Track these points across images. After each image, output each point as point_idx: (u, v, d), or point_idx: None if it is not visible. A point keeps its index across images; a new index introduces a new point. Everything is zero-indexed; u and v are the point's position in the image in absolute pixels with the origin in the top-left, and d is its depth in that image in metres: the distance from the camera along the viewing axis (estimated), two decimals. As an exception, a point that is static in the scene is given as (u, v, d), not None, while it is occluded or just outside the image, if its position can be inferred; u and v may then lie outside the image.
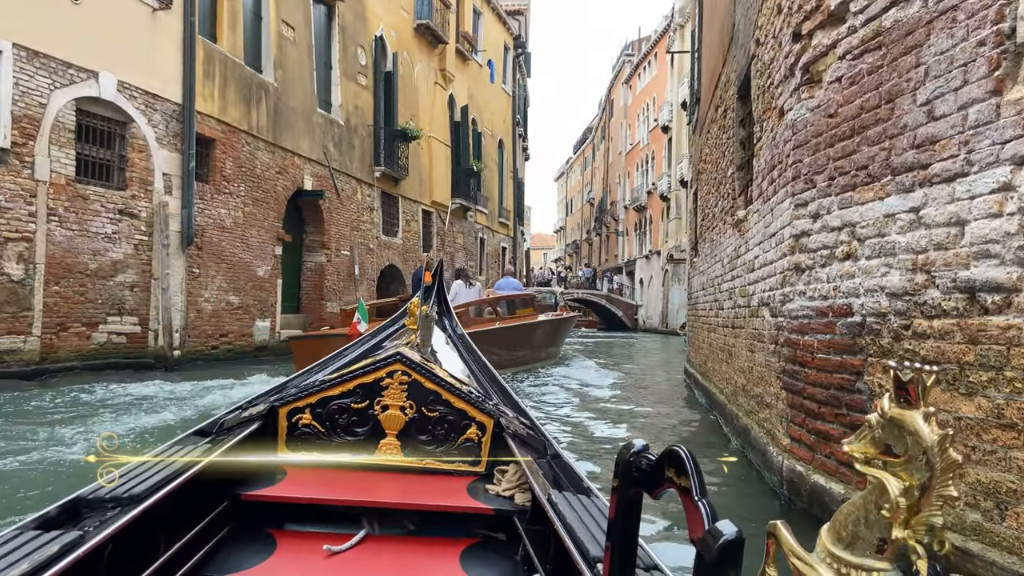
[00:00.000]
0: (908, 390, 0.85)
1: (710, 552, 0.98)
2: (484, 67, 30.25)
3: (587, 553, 1.77)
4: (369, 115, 20.52)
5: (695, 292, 11.54)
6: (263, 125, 15.69)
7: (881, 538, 0.86)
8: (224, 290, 14.49)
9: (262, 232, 15.64)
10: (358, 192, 19.88)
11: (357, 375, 2.90)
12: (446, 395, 2.90)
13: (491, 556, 2.44)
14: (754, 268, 6.11)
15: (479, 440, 2.89)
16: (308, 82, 17.54)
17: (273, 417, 2.87)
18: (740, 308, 6.79)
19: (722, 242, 8.26)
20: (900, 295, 3.53)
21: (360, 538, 2.46)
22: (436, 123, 24.80)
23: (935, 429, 0.83)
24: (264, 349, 15.67)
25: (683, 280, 40.26)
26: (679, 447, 1.15)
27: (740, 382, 6.78)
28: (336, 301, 18.51)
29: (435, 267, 6.12)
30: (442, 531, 2.58)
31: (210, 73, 14.12)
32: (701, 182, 10.99)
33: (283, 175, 16.43)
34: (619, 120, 57.60)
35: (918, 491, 0.83)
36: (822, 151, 4.29)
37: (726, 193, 8.13)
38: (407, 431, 2.88)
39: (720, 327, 8.32)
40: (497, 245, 33.02)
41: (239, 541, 2.44)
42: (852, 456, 0.91)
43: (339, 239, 18.74)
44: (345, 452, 2.83)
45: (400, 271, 22.23)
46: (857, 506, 0.89)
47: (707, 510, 1.05)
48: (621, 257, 55.68)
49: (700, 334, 10.66)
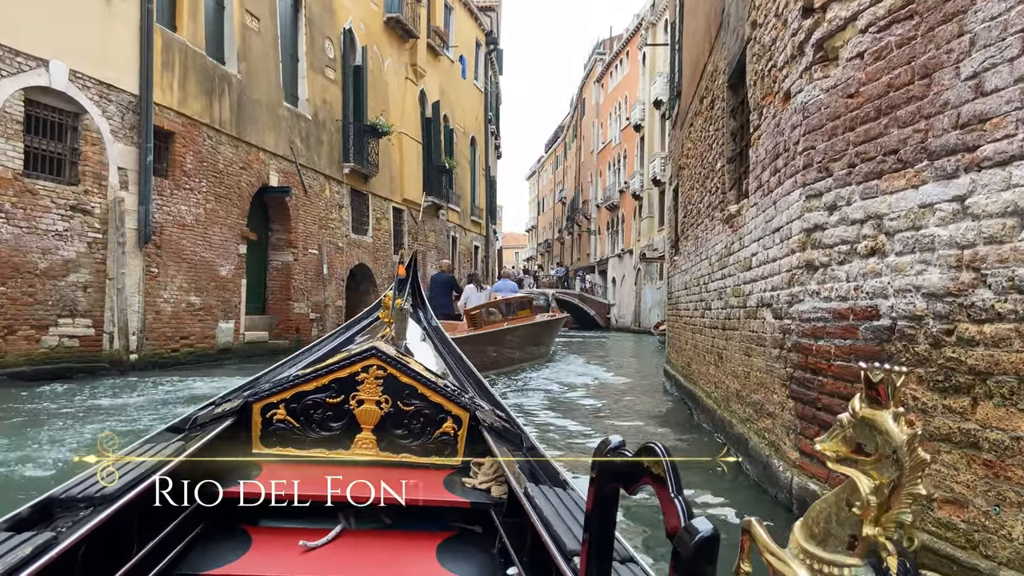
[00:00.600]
0: (878, 390, 0.88)
1: (686, 548, 0.99)
2: (456, 63, 29.71)
3: (563, 546, 1.78)
4: (338, 110, 19.92)
5: (676, 292, 11.14)
6: (226, 118, 15.05)
7: (852, 535, 0.89)
8: (185, 290, 13.84)
9: (225, 230, 15.00)
10: (326, 189, 19.27)
11: (332, 370, 2.85)
12: (422, 389, 2.87)
13: (468, 549, 2.44)
14: (751, 266, 5.69)
15: (455, 434, 2.87)
16: (274, 74, 16.91)
17: (247, 413, 2.82)
18: (733, 309, 6.37)
19: (709, 239, 7.85)
20: (941, 295, 3.10)
21: (336, 533, 2.45)
22: (407, 119, 24.23)
23: (904, 429, 0.86)
24: (228, 351, 15.04)
25: (655, 279, 40.07)
26: (655, 443, 1.17)
27: (733, 387, 6.36)
28: (304, 302, 17.90)
29: (409, 260, 5.98)
30: (419, 525, 2.58)
31: (169, 63, 13.46)
32: (683, 178, 10.59)
33: (247, 170, 15.79)
34: (591, 119, 57.36)
35: (888, 489, 0.86)
36: (840, 135, 3.86)
37: (713, 188, 7.72)
38: (383, 425, 2.85)
39: (707, 328, 7.91)
40: (470, 244, 32.50)
41: (214, 538, 2.41)
42: (824, 455, 0.94)
43: (307, 237, 18.12)
44: (320, 447, 2.81)
45: (370, 270, 21.64)
46: (829, 503, 0.92)
47: (683, 506, 1.07)
48: (593, 256, 55.46)
49: (682, 335, 10.25)
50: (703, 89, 8.56)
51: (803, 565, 0.92)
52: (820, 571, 0.90)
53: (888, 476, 0.87)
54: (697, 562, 0.99)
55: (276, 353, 16.35)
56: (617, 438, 1.30)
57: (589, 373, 14.70)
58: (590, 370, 15.38)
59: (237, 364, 14.46)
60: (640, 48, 43.51)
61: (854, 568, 0.88)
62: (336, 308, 19.40)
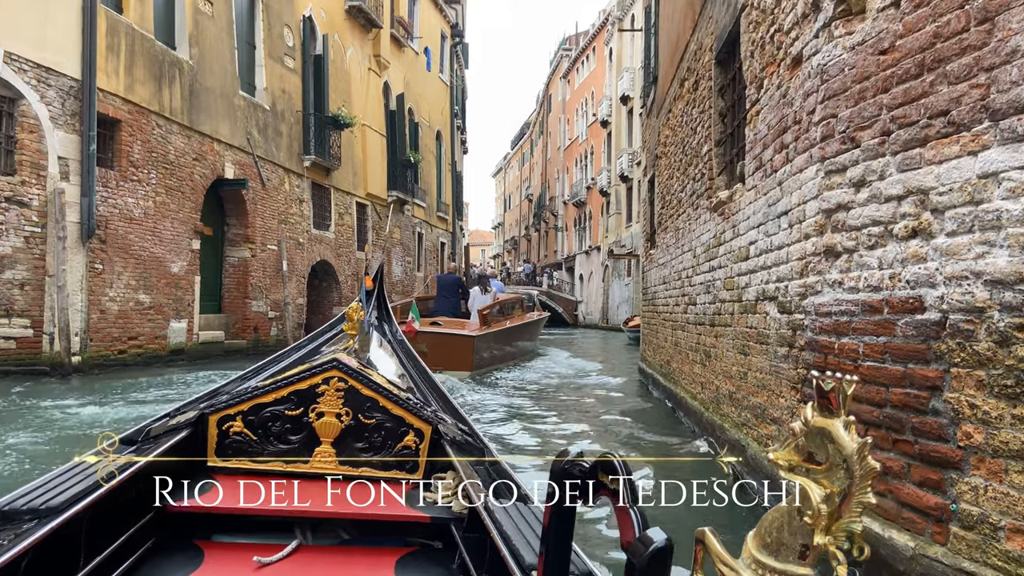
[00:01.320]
0: (830, 399, 0.90)
1: (640, 558, 1.00)
2: (420, 55, 28.97)
3: (522, 560, 1.77)
4: (298, 100, 19.13)
5: (653, 286, 10.62)
6: (177, 106, 14.23)
7: (803, 544, 0.91)
8: (133, 288, 13.03)
9: (177, 224, 14.19)
10: (286, 182, 18.49)
11: (292, 381, 2.78)
12: (383, 402, 2.81)
13: (427, 564, 2.40)
14: (747, 256, 5.15)
15: (417, 447, 2.82)
16: (228, 62, 16.11)
17: (203, 425, 2.74)
18: (724, 303, 5.84)
19: (693, 229, 7.32)
20: (1011, 283, 2.56)
21: (292, 548, 2.38)
22: (370, 111, 23.48)
23: (855, 437, 0.87)
24: (180, 353, 14.24)
25: (623, 276, 39.69)
26: (613, 455, 1.19)
27: (726, 389, 5.83)
28: (262, 300, 17.12)
29: (376, 273, 6.06)
30: (378, 540, 2.54)
31: (115, 47, 12.65)
32: (660, 168, 10.07)
33: (201, 162, 14.99)
34: (557, 115, 57.02)
35: (839, 498, 0.87)
36: (870, 99, 3.32)
37: (697, 174, 7.19)
38: (343, 439, 2.78)
39: (691, 325, 7.38)
40: (436, 240, 31.79)
41: (165, 553, 2.34)
42: (776, 464, 0.95)
43: (265, 232, 17.34)
44: (278, 460, 2.74)
45: (333, 268, 20.88)
46: (781, 513, 0.94)
47: (638, 517, 1.08)
48: (560, 253, 55.15)
49: (660, 331, 9.73)
50: (684, 71, 8.03)
51: (755, 575, 0.93)
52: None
53: (839, 485, 0.88)
54: (651, 572, 0.99)
55: (232, 354, 15.64)
56: (575, 449, 1.30)
57: (573, 366, 15.84)
58: (575, 363, 16.45)
59: (191, 366, 13.71)
60: (607, 39, 43.12)
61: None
62: (297, 306, 18.64)
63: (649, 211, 11.45)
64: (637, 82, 37.59)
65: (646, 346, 11.43)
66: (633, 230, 37.69)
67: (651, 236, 11.20)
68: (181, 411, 2.96)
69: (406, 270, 26.87)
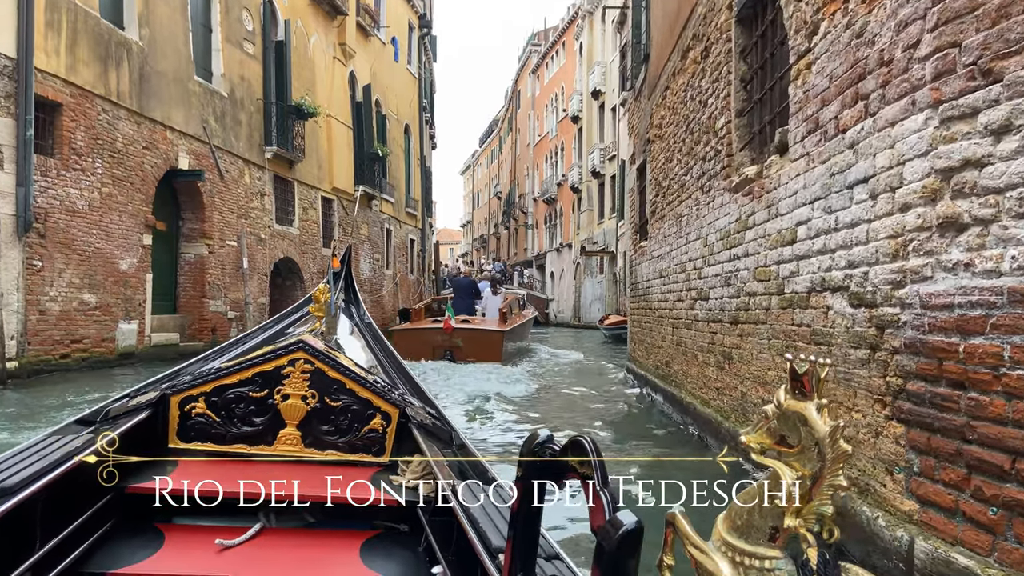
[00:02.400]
0: (803, 382, 0.89)
1: (610, 541, 0.99)
2: (388, 45, 27.91)
3: (489, 543, 1.77)
4: (258, 88, 18.01)
5: (646, 281, 9.77)
6: (125, 90, 13.09)
7: (774, 527, 0.90)
8: (77, 287, 11.90)
9: (126, 217, 13.05)
10: (246, 174, 17.37)
11: (256, 363, 2.72)
12: (350, 384, 2.77)
13: (392, 547, 2.39)
14: (793, 239, 4.29)
15: (384, 430, 2.78)
16: (183, 44, 14.98)
17: (164, 406, 2.68)
18: (755, 296, 4.98)
19: (704, 215, 6.47)
20: None
21: (255, 531, 2.37)
22: (336, 102, 22.40)
23: (827, 420, 0.87)
24: (131, 356, 13.11)
25: (595, 273, 38.98)
26: (583, 437, 1.17)
27: (756, 396, 4.97)
28: (221, 299, 16.00)
29: (344, 254, 5.96)
30: (343, 523, 2.51)
31: (55, 23, 11.51)
32: (654, 152, 9.21)
33: (152, 150, 13.85)
34: (526, 111, 56.30)
35: (810, 481, 0.87)
36: (1019, 14, 2.46)
37: (708, 153, 6.35)
38: (308, 421, 2.74)
39: (702, 322, 6.53)
40: (405, 237, 30.72)
41: (124, 536, 2.31)
42: (748, 447, 0.94)
43: (224, 227, 16.21)
44: (241, 443, 2.70)
45: (297, 265, 19.78)
46: (752, 495, 0.93)
47: (608, 500, 1.06)
48: (531, 251, 54.47)
49: (656, 330, 8.88)
50: (688, 39, 7.17)
51: (724, 557, 0.92)
52: (741, 563, 0.91)
53: (810, 468, 0.87)
54: (620, 555, 0.97)
55: (188, 357, 14.39)
56: (545, 432, 1.31)
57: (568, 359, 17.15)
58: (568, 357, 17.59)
59: (141, 370, 12.61)
60: (577, 33, 42.41)
61: (774, 560, 0.89)
62: (259, 306, 17.53)
63: (639, 201, 10.60)
64: (609, 76, 36.90)
65: (636, 345, 10.57)
66: (606, 226, 37.02)
67: (641, 227, 10.35)
68: (142, 391, 2.89)
69: (374, 268, 25.80)
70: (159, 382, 3.05)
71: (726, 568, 0.92)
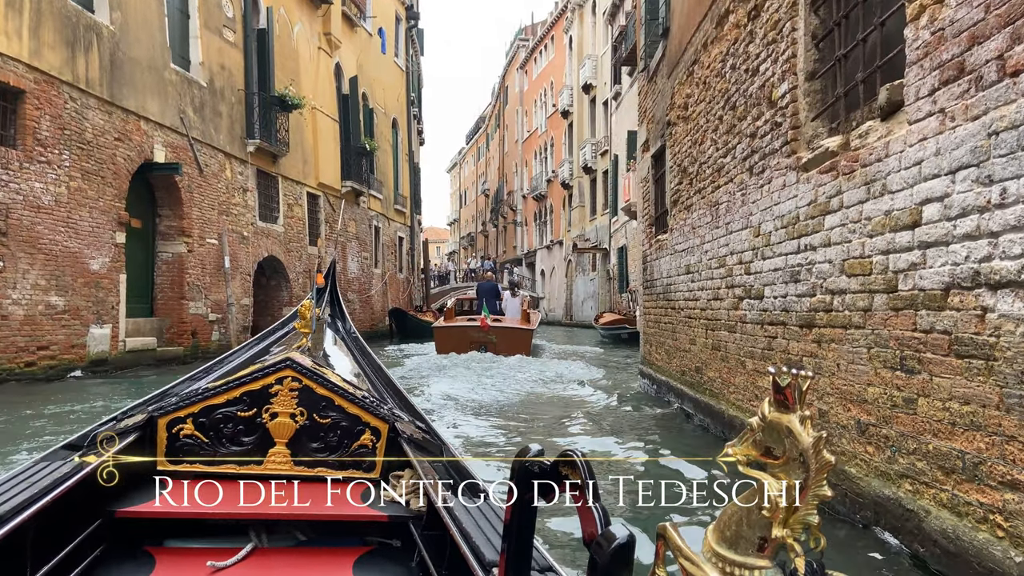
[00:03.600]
0: (786, 394, 0.90)
1: (603, 554, 1.00)
2: (374, 36, 27.01)
3: (483, 558, 1.76)
4: (239, 78, 17.13)
5: (664, 278, 8.98)
6: (95, 77, 12.20)
7: (762, 537, 0.91)
8: (43, 289, 11.02)
9: (96, 214, 12.17)
10: (227, 168, 16.48)
11: (244, 382, 2.72)
12: (339, 400, 2.77)
13: (385, 564, 2.37)
14: (918, 222, 3.45)
15: (373, 446, 2.77)
16: (158, 30, 14.09)
17: (151, 428, 2.68)
18: (846, 295, 4.11)
19: (755, 200, 5.66)
20: None
21: (247, 552, 2.34)
22: (321, 94, 21.52)
23: (810, 431, 0.88)
24: (103, 363, 12.23)
25: (587, 270, 38.21)
26: (574, 451, 1.19)
27: (848, 417, 4.14)
28: (201, 300, 15.12)
29: (328, 269, 6.03)
30: (335, 541, 2.50)
31: (16, 4, 10.64)
32: (676, 136, 8.43)
33: (125, 142, 12.95)
34: (514, 107, 55.55)
35: (796, 491, 0.88)
36: None
37: (760, 129, 5.55)
38: (298, 439, 2.73)
39: (752, 324, 5.73)
40: (393, 235, 29.82)
41: (115, 561, 2.30)
42: (735, 459, 0.96)
43: (204, 225, 15.33)
44: (231, 463, 2.68)
45: (283, 264, 18.90)
46: (740, 507, 0.94)
47: (600, 513, 1.08)
48: (520, 248, 53.73)
49: (682, 331, 8.09)
50: (728, 2, 6.36)
51: (715, 568, 0.93)
52: (731, 573, 0.91)
53: (795, 478, 0.88)
54: (613, 568, 0.98)
55: (167, 363, 13.64)
56: (536, 447, 1.31)
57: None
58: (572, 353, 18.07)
59: (116, 378, 11.75)
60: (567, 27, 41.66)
61: (763, 570, 0.90)
62: (242, 307, 16.65)
63: (653, 191, 9.80)
64: (600, 69, 36.16)
65: (652, 348, 9.78)
66: (598, 223, 36.29)
67: (658, 219, 9.56)
68: (128, 414, 2.87)
69: (363, 266, 24.93)
70: (146, 404, 3.01)
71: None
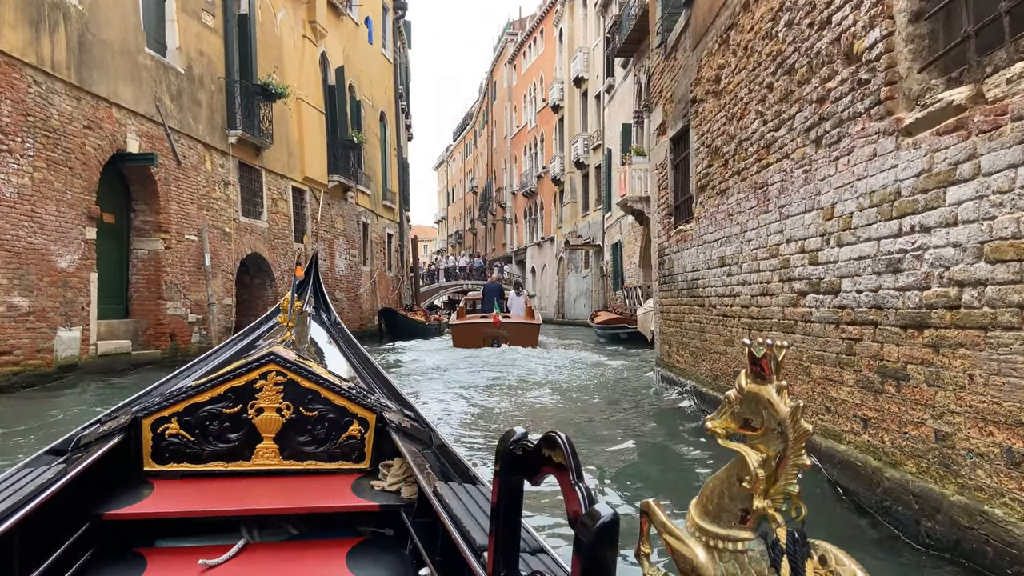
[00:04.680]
0: (762, 365, 0.90)
1: (588, 533, 1.01)
2: (361, 26, 26.07)
3: (473, 542, 1.79)
4: (220, 65, 16.18)
5: (689, 272, 8.15)
6: (61, 59, 11.25)
7: (743, 509, 0.92)
8: (5, 288, 10.08)
9: (64, 207, 11.22)
10: (207, 160, 15.53)
11: (227, 378, 2.69)
12: (325, 393, 2.75)
13: (378, 553, 2.37)
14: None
15: (362, 437, 2.77)
16: (131, 11, 13.14)
17: (136, 429, 2.64)
18: (986, 287, 3.21)
19: (828, 176, 4.77)
20: None
21: (239, 548, 2.32)
22: (307, 85, 20.58)
23: (787, 401, 0.88)
24: (72, 368, 11.29)
25: (580, 267, 37.42)
26: (557, 433, 1.19)
27: (980, 442, 3.30)
28: (180, 300, 14.18)
29: (309, 262, 6.02)
30: (327, 533, 2.51)
31: (-29, -23, 9.69)
32: (703, 114, 7.60)
33: (95, 131, 12.00)
34: (503, 103, 54.79)
35: (775, 462, 0.89)
36: None
37: (835, 92, 4.69)
38: (285, 433, 2.71)
39: (825, 324, 4.83)
40: (382, 231, 28.86)
41: (105, 563, 2.28)
42: (714, 431, 0.96)
43: (182, 220, 14.39)
44: (218, 460, 2.66)
45: (267, 261, 17.96)
46: (721, 480, 0.95)
47: (584, 493, 1.09)
48: (510, 246, 53.01)
49: (713, 331, 7.26)
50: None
51: (699, 542, 0.94)
52: (715, 547, 0.93)
53: (774, 449, 0.88)
54: (599, 546, 0.99)
55: (143, 366, 12.70)
56: (520, 430, 1.32)
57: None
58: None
59: (87, 384, 10.83)
60: (557, 19, 40.86)
61: (746, 541, 0.91)
62: (224, 307, 15.72)
63: (672, 178, 8.97)
64: (592, 62, 35.37)
65: (674, 349, 8.94)
66: (591, 219, 35.51)
67: (678, 208, 8.74)
68: (112, 416, 2.84)
69: (351, 264, 23.99)
70: (130, 405, 2.97)
71: (701, 552, 0.93)
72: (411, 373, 13.38)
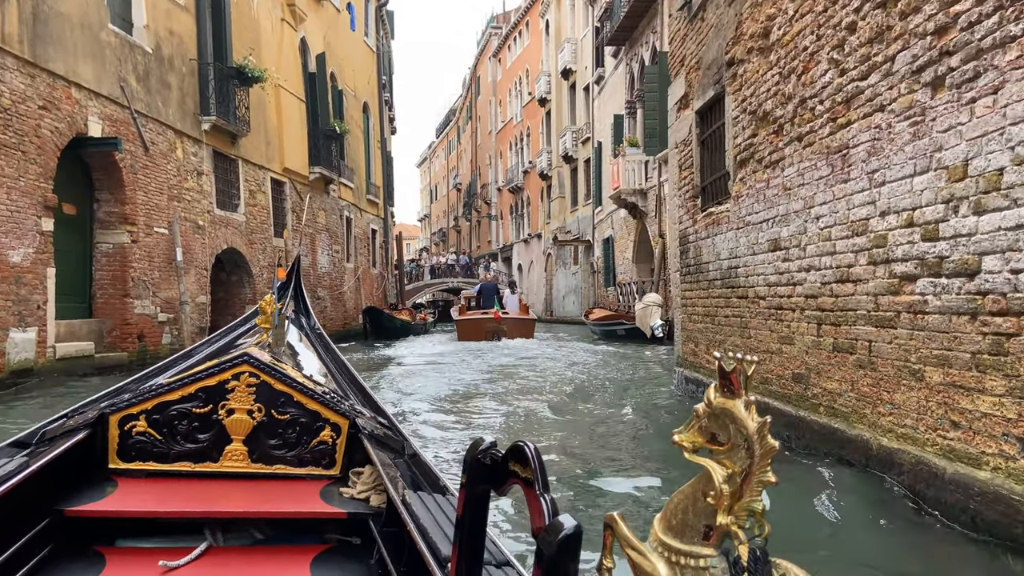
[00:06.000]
0: (731, 380, 0.87)
1: (550, 546, 0.99)
2: (343, 12, 24.96)
3: (438, 553, 1.77)
4: (191, 46, 15.07)
5: (724, 259, 7.18)
6: (12, 32, 10.14)
7: (707, 525, 0.89)
8: (-54, 286, 8.97)
9: (16, 195, 10.10)
10: (178, 148, 14.42)
11: (200, 377, 2.65)
12: (298, 396, 2.69)
13: (344, 561, 2.33)
14: None
15: (333, 442, 2.71)
16: (92, -17, 12.03)
17: (103, 425, 2.58)
18: None
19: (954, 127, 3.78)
20: None
21: (202, 551, 2.28)
22: (286, 71, 19.48)
23: (755, 417, 0.85)
24: (28, 374, 10.19)
25: (569, 264, 36.49)
26: (524, 443, 1.15)
27: None
28: (149, 299, 13.07)
29: (292, 265, 6.06)
30: (293, 539, 2.45)
31: (-94, -65, 8.56)
32: (743, 77, 6.64)
33: (52, 112, 10.87)
34: (487, 98, 53.80)
35: (740, 478, 0.86)
36: None
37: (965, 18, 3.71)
38: (255, 436, 2.64)
39: (951, 315, 3.85)
40: (366, 226, 27.74)
41: (64, 560, 2.22)
42: (680, 445, 0.94)
43: (151, 211, 13.27)
44: (185, 460, 2.60)
45: (244, 257, 16.86)
46: (686, 495, 0.93)
47: (548, 504, 1.06)
48: (495, 243, 52.08)
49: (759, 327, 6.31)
50: None
51: (661, 558, 0.93)
52: (677, 563, 0.91)
53: (740, 465, 0.86)
54: (560, 559, 0.98)
55: (108, 370, 11.55)
56: (489, 438, 1.28)
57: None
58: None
59: (44, 391, 9.74)
60: (543, 11, 39.91)
61: (709, 558, 0.89)
62: (197, 305, 14.61)
63: (698, 156, 8.00)
64: (580, 53, 34.44)
65: (699, 347, 7.97)
66: (580, 214, 34.59)
67: (705, 189, 7.78)
68: (79, 411, 2.80)
69: (334, 261, 22.89)
70: (98, 401, 2.91)
71: (663, 568, 0.92)
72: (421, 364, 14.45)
